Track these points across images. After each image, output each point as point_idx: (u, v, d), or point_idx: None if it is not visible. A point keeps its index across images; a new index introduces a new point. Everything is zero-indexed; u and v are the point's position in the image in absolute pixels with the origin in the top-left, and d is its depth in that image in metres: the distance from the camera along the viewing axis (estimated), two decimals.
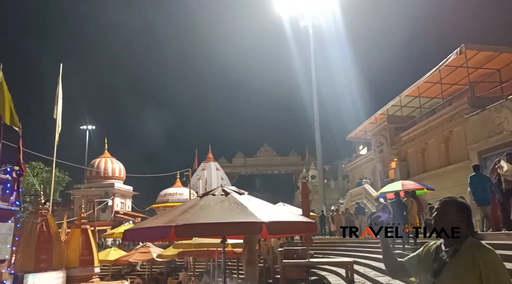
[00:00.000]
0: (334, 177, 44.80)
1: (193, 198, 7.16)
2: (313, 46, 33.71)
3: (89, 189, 36.79)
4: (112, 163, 37.93)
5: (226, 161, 54.83)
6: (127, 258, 18.88)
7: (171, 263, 22.52)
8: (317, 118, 32.72)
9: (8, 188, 10.00)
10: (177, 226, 4.45)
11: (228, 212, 5.13)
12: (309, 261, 12.84)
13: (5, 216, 9.78)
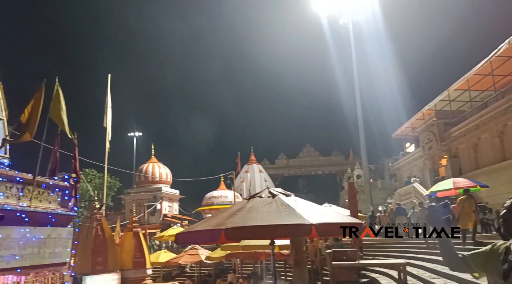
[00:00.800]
0: (380, 176, 43.62)
1: (240, 201, 7.22)
2: (353, 43, 33.08)
3: (139, 194, 38.11)
4: (159, 167, 39.08)
5: (268, 162, 54.88)
6: (177, 260, 19.38)
7: (219, 265, 22.84)
8: (360, 117, 32.05)
9: (67, 194, 10.56)
10: (227, 229, 4.51)
11: (276, 214, 5.12)
12: (359, 262, 12.59)
13: (65, 221, 10.33)
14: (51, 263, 9.50)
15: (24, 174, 9.09)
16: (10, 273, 8.29)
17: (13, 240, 8.40)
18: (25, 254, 8.69)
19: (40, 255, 9.16)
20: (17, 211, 8.52)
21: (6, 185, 8.52)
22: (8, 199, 8.51)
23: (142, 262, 16.52)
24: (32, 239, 8.93)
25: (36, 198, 9.30)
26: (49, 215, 9.55)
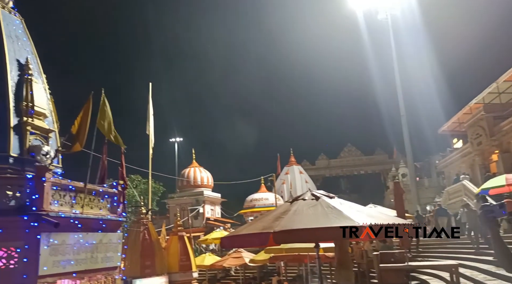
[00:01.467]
0: (427, 174, 42.02)
1: (283, 204, 7.18)
2: (393, 38, 32.19)
3: (182, 198, 38.94)
4: (200, 171, 39.76)
5: (309, 163, 54.37)
6: (222, 263, 19.59)
7: (263, 268, 22.86)
8: (403, 114, 31.08)
9: (115, 200, 10.95)
10: (275, 232, 4.49)
11: (323, 216, 5.06)
12: (408, 264, 12.17)
13: (115, 226, 10.72)
14: (103, 267, 9.89)
15: (75, 182, 9.53)
16: (66, 277, 8.71)
17: (68, 245, 8.81)
18: (79, 259, 9.09)
19: (93, 260, 9.55)
20: (71, 218, 8.93)
21: (60, 193, 8.96)
22: (62, 206, 8.94)
23: (188, 265, 16.86)
24: (85, 244, 9.33)
25: (87, 205, 9.71)
26: (100, 221, 9.95)
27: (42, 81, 11.16)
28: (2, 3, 10.95)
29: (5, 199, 8.04)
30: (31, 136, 10.11)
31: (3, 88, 9.79)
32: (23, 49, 10.91)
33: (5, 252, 7.80)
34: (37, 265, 7.90)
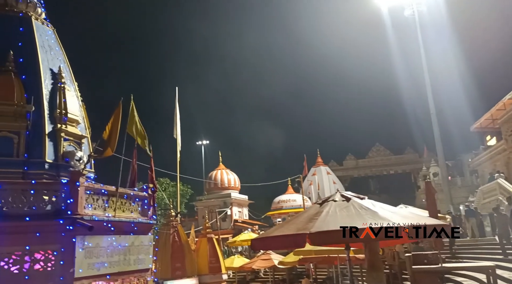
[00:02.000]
0: (459, 173, 40.73)
1: (313, 205, 7.10)
2: (421, 35, 31.46)
3: (209, 200, 39.25)
4: (227, 174, 39.99)
5: (336, 164, 53.73)
6: (251, 265, 19.60)
7: (292, 270, 22.72)
8: (433, 112, 30.29)
9: (146, 203, 11.15)
10: (312, 234, 4.45)
11: (357, 217, 5.00)
12: (442, 266, 11.82)
13: (146, 229, 10.92)
14: (135, 269, 10.08)
15: (108, 186, 9.77)
16: (100, 279, 8.93)
17: (102, 248, 9.04)
18: (112, 261, 9.31)
19: (126, 262, 9.75)
20: (104, 221, 9.16)
21: (93, 197, 9.21)
22: (95, 210, 9.18)
23: (218, 267, 16.96)
24: (118, 247, 9.54)
25: (119, 208, 9.93)
26: (131, 223, 10.16)
27: (74, 89, 11.53)
28: (35, 15, 11.39)
29: (42, 204, 8.32)
30: (65, 142, 10.46)
31: (38, 97, 10.17)
32: (56, 58, 11.31)
33: (43, 255, 8.07)
34: (73, 267, 8.14)
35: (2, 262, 7.66)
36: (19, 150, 9.48)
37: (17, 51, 10.25)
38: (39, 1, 11.67)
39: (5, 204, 7.97)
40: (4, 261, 7.67)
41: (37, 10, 11.51)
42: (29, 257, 7.91)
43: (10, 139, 9.46)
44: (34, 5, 11.43)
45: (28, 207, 8.15)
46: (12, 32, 10.63)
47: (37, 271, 7.92)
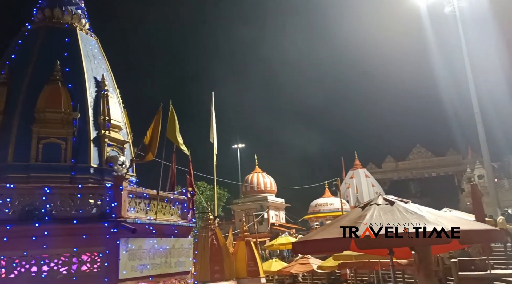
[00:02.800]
0: (506, 175, 38.67)
1: (354, 209, 6.95)
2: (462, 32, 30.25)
3: (246, 203, 39.42)
4: (263, 177, 40.03)
5: (375, 166, 52.45)
6: (289, 269, 19.48)
7: (331, 275, 22.38)
8: (477, 111, 28.96)
9: (185, 207, 11.34)
10: (357, 238, 4.35)
11: (403, 221, 4.83)
12: (491, 273, 11.25)
13: (185, 232, 11.09)
14: (176, 271, 10.26)
15: (149, 190, 10.01)
16: (143, 281, 9.14)
17: (144, 250, 9.26)
18: (154, 264, 9.51)
19: (167, 264, 9.94)
20: (146, 224, 9.38)
21: (135, 201, 9.46)
22: (137, 213, 9.43)
23: (256, 270, 16.99)
24: (160, 249, 9.74)
25: (160, 211, 10.16)
26: (172, 226, 10.35)
27: (116, 96, 11.93)
28: (80, 26, 11.91)
29: (88, 207, 8.64)
30: (108, 147, 10.83)
31: (83, 105, 10.60)
32: (99, 67, 11.76)
33: (89, 256, 8.37)
34: (117, 269, 8.39)
35: (52, 263, 8.01)
36: (67, 155, 9.90)
37: (63, 61, 10.74)
38: (83, 13, 12.20)
39: (54, 207, 8.34)
40: (54, 262, 8.02)
41: (81, 21, 12.03)
42: (76, 259, 8.23)
43: (58, 145, 9.90)
44: (78, 16, 11.95)
45: (75, 210, 8.49)
46: (59, 43, 11.15)
47: (84, 272, 8.21)
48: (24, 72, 10.60)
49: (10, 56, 11.09)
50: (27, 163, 9.58)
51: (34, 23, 11.76)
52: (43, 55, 10.84)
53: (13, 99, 10.22)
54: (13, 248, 7.84)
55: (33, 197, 8.23)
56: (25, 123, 9.88)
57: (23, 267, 7.84)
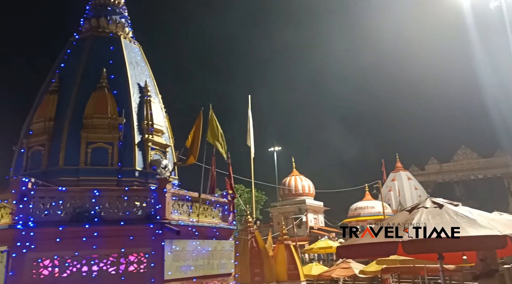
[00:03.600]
0: None
1: (401, 212, 6.76)
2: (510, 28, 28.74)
3: (284, 206, 39.29)
4: (301, 180, 39.75)
5: (417, 168, 50.78)
6: (330, 274, 19.18)
7: (374, 280, 21.85)
8: None
9: (226, 209, 11.46)
10: (405, 242, 4.22)
11: (453, 225, 4.63)
12: None
13: (227, 234, 11.20)
14: (219, 273, 10.37)
15: (191, 193, 10.20)
16: (187, 282, 9.31)
17: (188, 252, 9.44)
18: (197, 265, 9.66)
19: (210, 266, 10.07)
20: (189, 226, 9.56)
21: (178, 203, 9.67)
22: (181, 215, 9.63)
23: (296, 274, 16.85)
24: (202, 251, 9.89)
25: (202, 213, 10.32)
26: (213, 229, 10.49)
27: (158, 101, 12.27)
28: (124, 34, 12.36)
29: (134, 209, 8.91)
30: (152, 151, 11.14)
31: (128, 110, 10.97)
32: (142, 73, 12.14)
33: (136, 257, 8.62)
34: (163, 269, 8.60)
35: (101, 263, 8.32)
36: (113, 159, 10.27)
37: (109, 69, 11.17)
38: (126, 21, 12.67)
39: (103, 209, 8.66)
40: (103, 262, 8.32)
41: (125, 30, 12.49)
42: (124, 259, 8.50)
43: (105, 150, 10.29)
44: (122, 25, 12.41)
45: (122, 212, 8.78)
46: (105, 51, 11.62)
47: (131, 273, 8.47)
48: (73, 80, 11.12)
49: (60, 65, 11.67)
50: (77, 166, 10.02)
51: (81, 33, 12.34)
52: (90, 63, 11.32)
53: (63, 106, 10.73)
54: (65, 248, 8.20)
55: (83, 199, 8.59)
56: (74, 129, 10.33)
57: (75, 267, 8.18)
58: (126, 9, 12.86)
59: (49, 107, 10.60)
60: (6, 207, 8.31)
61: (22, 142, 10.71)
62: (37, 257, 8.03)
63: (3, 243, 8.03)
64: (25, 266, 7.93)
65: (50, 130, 10.39)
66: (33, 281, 7.93)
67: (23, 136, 10.79)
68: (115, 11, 12.44)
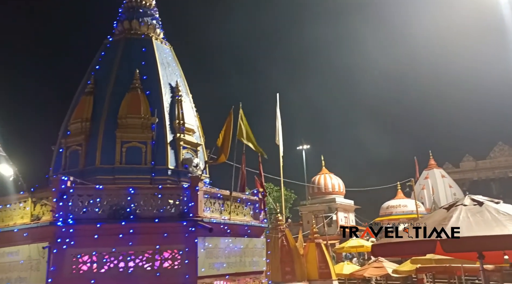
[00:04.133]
0: None
1: (438, 210, 6.57)
2: None
3: (314, 205, 39.00)
4: (330, 178, 39.35)
5: (452, 166, 49.24)
6: (362, 273, 18.88)
7: (408, 279, 21.37)
8: None
9: (257, 207, 11.49)
10: (443, 240, 4.11)
11: (495, 223, 4.49)
12: None
13: (258, 232, 11.23)
14: (251, 271, 10.42)
15: (223, 191, 10.29)
16: (220, 279, 9.41)
17: (220, 249, 9.54)
18: (230, 262, 9.75)
19: (242, 263, 10.14)
20: (221, 224, 9.65)
21: (210, 201, 9.78)
22: (213, 213, 9.73)
23: (328, 273, 16.69)
24: (234, 248, 9.97)
25: (233, 211, 10.39)
26: (245, 226, 10.54)
27: (189, 100, 12.45)
28: (155, 35, 12.61)
29: (167, 207, 9.08)
30: (183, 150, 11.32)
31: (160, 110, 11.19)
32: (173, 73, 12.35)
33: (170, 254, 8.77)
34: (196, 266, 8.72)
35: (137, 259, 8.52)
36: (147, 158, 10.50)
37: (141, 70, 11.43)
38: (157, 23, 12.92)
39: (138, 207, 8.87)
40: (139, 259, 8.52)
41: (156, 31, 12.74)
42: (158, 256, 8.67)
43: (139, 149, 10.54)
44: (154, 26, 12.67)
45: (156, 209, 8.96)
46: (137, 53, 11.90)
47: (166, 269, 8.63)
48: (107, 82, 11.44)
49: (95, 67, 12.05)
50: (113, 165, 10.32)
51: (114, 35, 12.68)
52: (123, 65, 11.62)
53: (99, 107, 11.06)
54: (103, 244, 8.45)
55: (119, 197, 8.82)
56: (109, 129, 10.64)
57: (112, 263, 8.41)
58: (157, 10, 13.11)
59: (86, 108, 10.95)
60: (47, 204, 8.63)
61: (60, 141, 11.12)
62: (76, 253, 8.31)
63: (44, 239, 8.35)
64: (65, 261, 8.22)
65: (86, 130, 10.74)
66: (73, 276, 8.20)
67: (62, 137, 11.20)
68: (146, 13, 12.71)
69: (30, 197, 8.96)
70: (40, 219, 8.68)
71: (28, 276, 8.41)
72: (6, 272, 8.82)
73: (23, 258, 8.56)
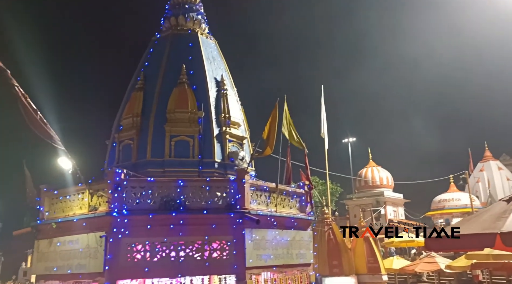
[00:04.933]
0: None
1: (497, 203, 6.22)
2: None
3: (361, 198, 38.20)
4: (378, 171, 38.33)
5: (509, 158, 46.34)
6: (413, 268, 18.30)
7: (462, 276, 20.44)
8: None
9: (303, 200, 11.44)
10: (504, 234, 3.88)
11: None
12: None
13: (305, 225, 11.19)
14: (298, 263, 10.42)
15: (269, 183, 10.33)
16: (267, 270, 9.49)
17: (267, 241, 9.60)
18: (277, 254, 9.80)
19: (289, 256, 10.16)
20: (267, 216, 9.71)
21: (257, 194, 9.86)
22: (259, 205, 9.81)
23: (377, 267, 16.31)
24: (281, 240, 10.00)
25: (280, 204, 10.42)
26: (291, 219, 10.54)
27: (234, 94, 12.56)
28: (201, 31, 12.82)
29: (215, 199, 9.26)
30: (229, 143, 11.47)
31: (206, 104, 11.40)
32: (218, 68, 12.51)
33: (219, 244, 8.96)
34: (244, 257, 8.85)
35: (188, 249, 8.77)
36: (194, 151, 10.75)
37: (188, 65, 11.68)
38: (203, 18, 13.11)
39: (187, 198, 9.11)
40: (189, 249, 8.77)
41: (201, 26, 12.95)
42: (207, 246, 8.88)
43: (187, 143, 10.81)
44: (199, 21, 12.88)
45: (204, 201, 9.17)
46: (184, 48, 12.17)
47: (215, 259, 8.84)
48: (156, 77, 11.80)
49: (144, 64, 12.45)
50: (162, 159, 10.65)
51: (162, 31, 13.03)
52: (171, 60, 11.92)
53: (148, 102, 11.44)
54: (155, 234, 8.77)
55: (169, 189, 9.10)
56: (159, 123, 10.98)
57: (164, 252, 8.72)
58: (202, 5, 13.31)
59: (136, 103, 11.36)
60: (103, 196, 9.08)
61: (114, 136, 11.64)
62: (131, 242, 8.68)
63: (101, 228, 8.80)
64: (121, 250, 8.61)
65: (137, 125, 11.15)
66: (128, 264, 8.59)
67: (115, 131, 11.71)
68: (192, 8, 12.94)
69: (87, 189, 9.46)
70: (97, 210, 9.15)
71: (87, 263, 8.90)
72: (67, 259, 9.39)
73: (82, 247, 9.07)
